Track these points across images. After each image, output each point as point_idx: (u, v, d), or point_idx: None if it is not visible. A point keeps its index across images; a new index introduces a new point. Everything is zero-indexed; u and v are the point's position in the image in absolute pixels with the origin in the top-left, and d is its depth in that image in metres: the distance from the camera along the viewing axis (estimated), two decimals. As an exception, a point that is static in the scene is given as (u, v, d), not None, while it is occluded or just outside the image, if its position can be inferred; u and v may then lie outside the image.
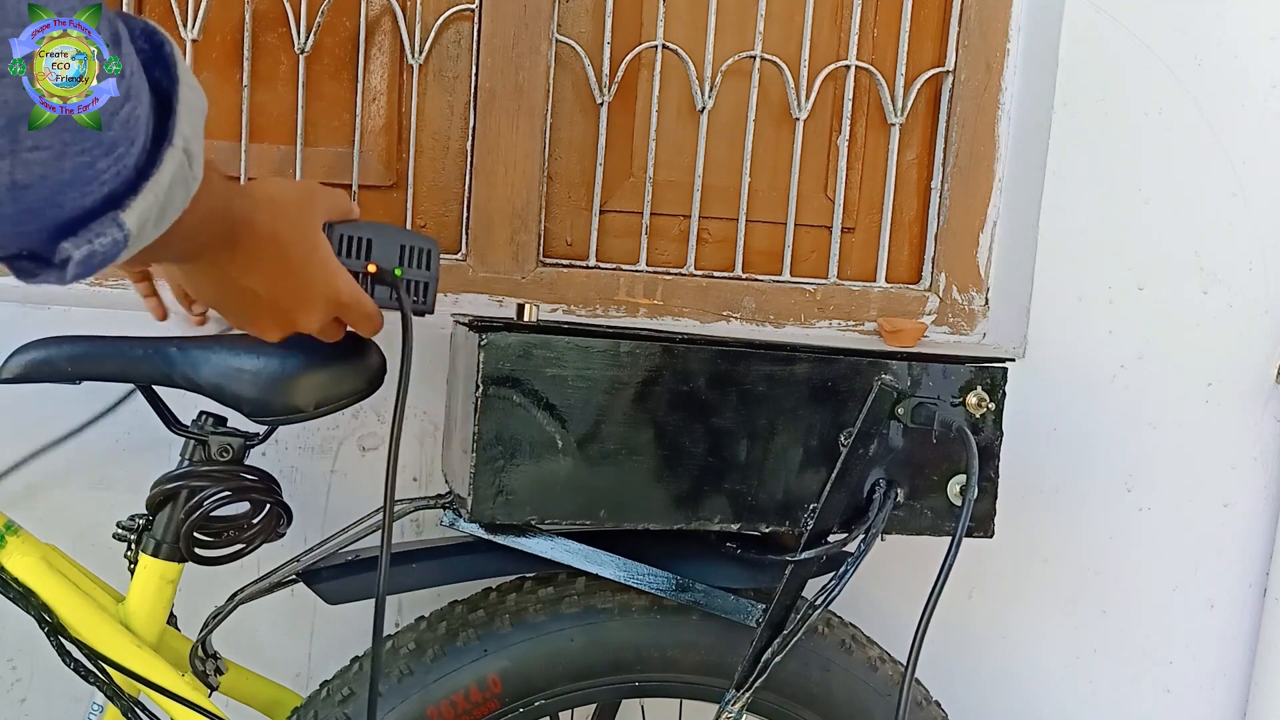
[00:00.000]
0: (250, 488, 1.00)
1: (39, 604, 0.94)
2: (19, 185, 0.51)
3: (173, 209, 0.61)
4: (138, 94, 0.55)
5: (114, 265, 0.62)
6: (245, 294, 0.81)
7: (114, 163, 0.55)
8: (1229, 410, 1.40)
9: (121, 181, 0.56)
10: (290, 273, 0.82)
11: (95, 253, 0.56)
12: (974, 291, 1.44)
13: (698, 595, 0.97)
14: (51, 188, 0.52)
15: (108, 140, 0.53)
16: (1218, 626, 1.44)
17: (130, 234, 0.57)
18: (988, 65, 1.41)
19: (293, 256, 0.82)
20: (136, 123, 0.55)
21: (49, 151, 0.51)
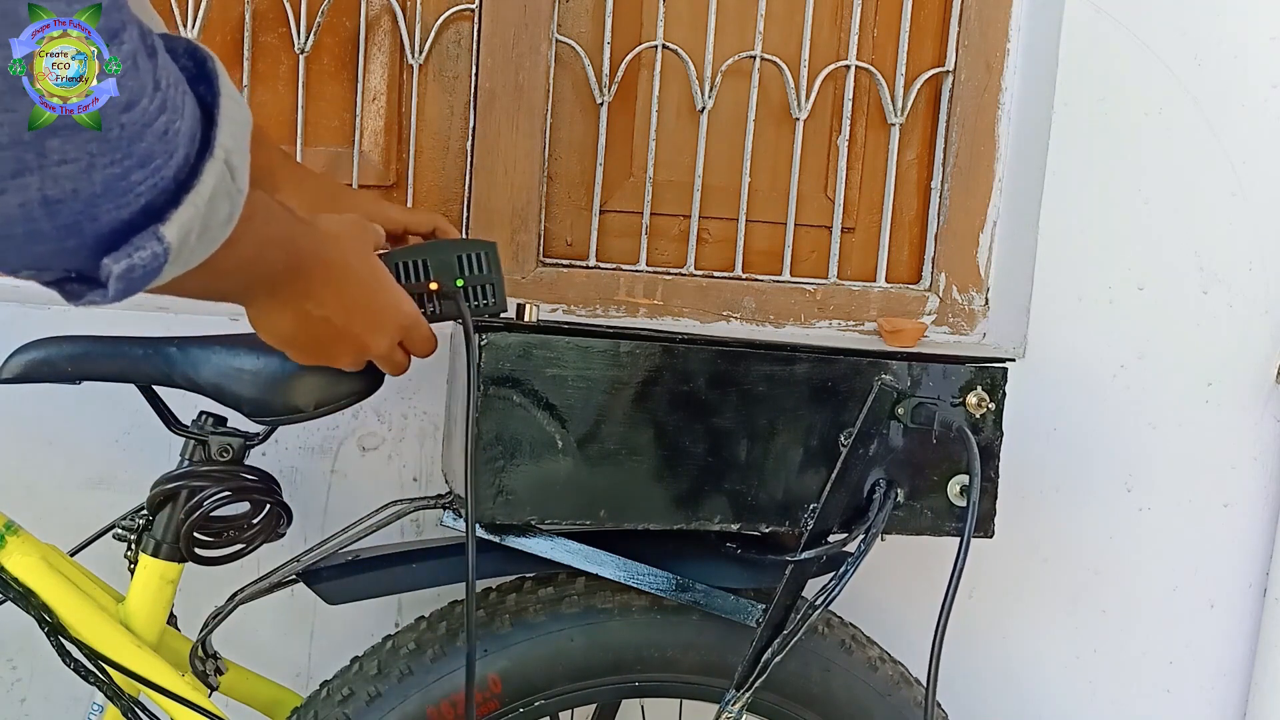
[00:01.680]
0: (250, 488, 1.00)
1: (39, 604, 0.94)
2: (51, 200, 0.51)
3: (217, 224, 0.60)
4: (177, 108, 0.55)
5: (165, 286, 0.62)
6: (320, 325, 0.82)
7: (150, 174, 0.54)
8: (1229, 410, 1.40)
9: (160, 193, 0.55)
10: (362, 299, 0.84)
11: (135, 266, 0.55)
12: (974, 291, 1.44)
13: (698, 595, 0.97)
14: (84, 201, 0.52)
15: (140, 152, 0.53)
16: (1218, 626, 1.44)
17: (170, 247, 0.56)
18: (988, 65, 1.41)
19: (364, 283, 0.84)
20: (176, 135, 0.55)
21: (76, 165, 0.51)
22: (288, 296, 0.79)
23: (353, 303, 0.83)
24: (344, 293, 0.82)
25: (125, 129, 0.52)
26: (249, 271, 0.72)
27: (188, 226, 0.57)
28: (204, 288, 0.70)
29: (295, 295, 0.79)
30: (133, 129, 0.52)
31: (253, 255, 0.70)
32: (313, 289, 0.80)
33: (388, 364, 0.90)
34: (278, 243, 0.73)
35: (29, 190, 0.51)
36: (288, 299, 0.80)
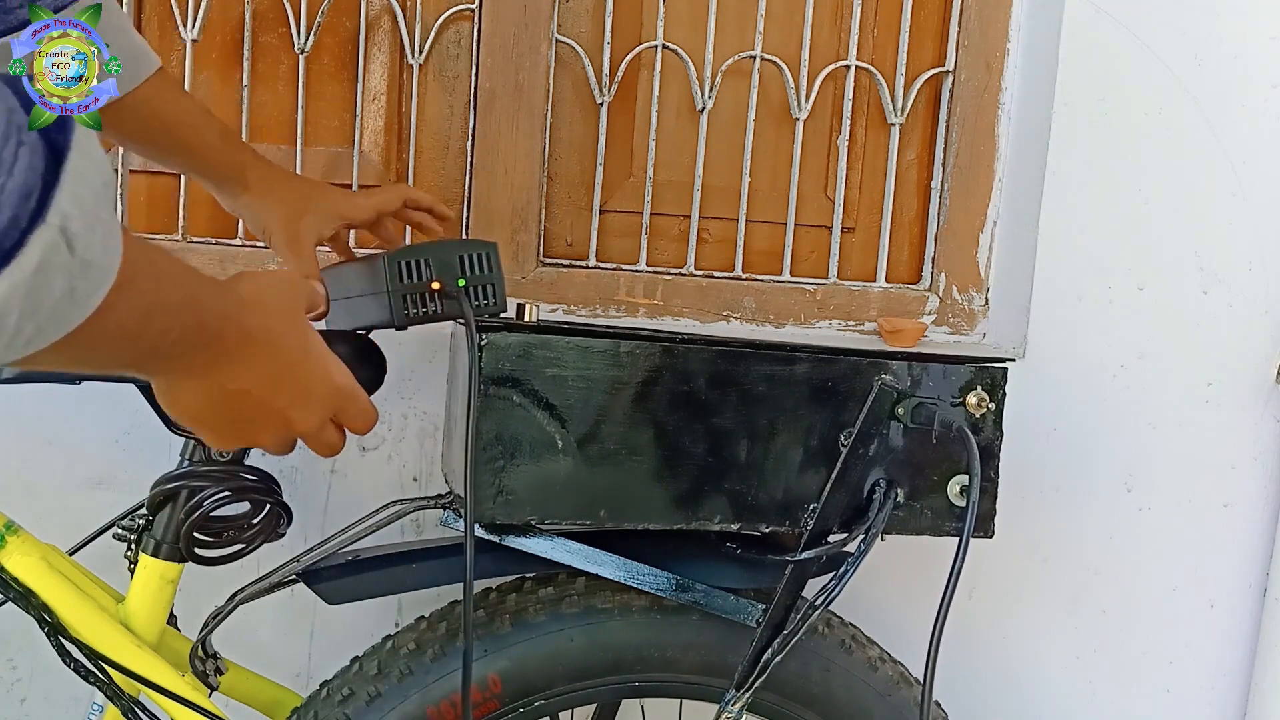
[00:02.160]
0: (250, 488, 1.00)
1: (39, 604, 0.94)
2: None
3: (51, 302, 0.49)
4: (2, 161, 0.46)
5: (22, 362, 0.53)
6: (235, 399, 0.73)
7: None
8: (1229, 410, 1.40)
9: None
10: (287, 369, 0.74)
11: None
12: (974, 291, 1.44)
13: (698, 595, 0.97)
14: None
15: None
16: (1218, 626, 1.44)
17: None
18: (988, 65, 1.41)
19: (290, 351, 0.74)
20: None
21: None
22: (196, 369, 0.69)
23: (275, 374, 0.73)
24: (264, 363, 0.72)
25: None
26: (134, 344, 0.61)
27: (3, 306, 0.47)
28: (76, 361, 0.59)
29: (204, 367, 0.69)
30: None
31: (135, 326, 0.59)
32: (226, 360, 0.69)
33: (317, 443, 0.78)
34: (174, 309, 0.62)
35: None
36: (196, 372, 0.70)
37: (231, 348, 0.69)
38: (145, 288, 0.58)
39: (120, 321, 0.56)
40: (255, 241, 1.35)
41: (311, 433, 0.77)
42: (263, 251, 1.34)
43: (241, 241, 1.34)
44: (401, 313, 0.92)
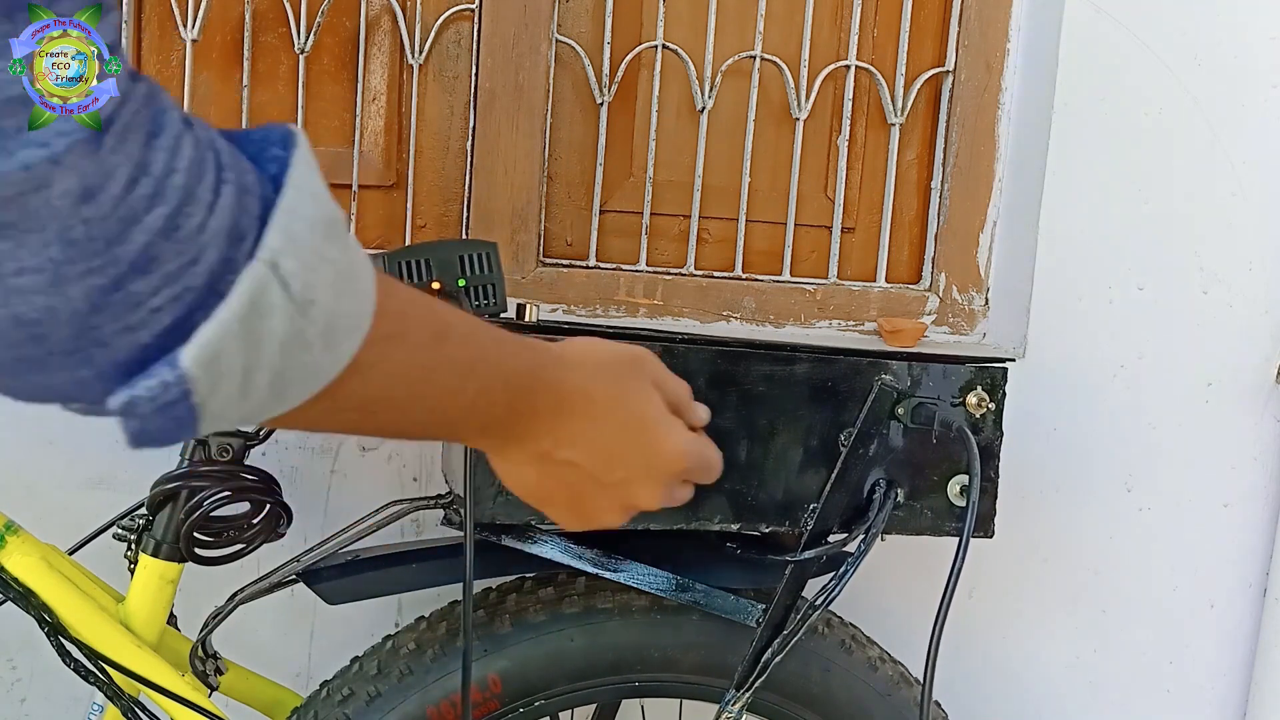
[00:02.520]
0: (250, 488, 1.00)
1: (39, 604, 0.94)
2: (25, 321, 0.41)
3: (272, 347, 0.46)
4: (197, 199, 0.44)
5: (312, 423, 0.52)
6: (564, 472, 0.67)
7: (163, 284, 0.43)
8: (1229, 410, 1.40)
9: (183, 308, 0.44)
10: (618, 438, 0.68)
11: (137, 400, 0.44)
12: (974, 291, 1.44)
13: (698, 595, 0.97)
14: (71, 322, 0.42)
15: (130, 256, 0.42)
16: (1218, 626, 1.44)
17: (190, 375, 0.44)
18: (988, 65, 1.41)
19: (619, 418, 0.68)
20: (197, 234, 0.43)
21: (40, 276, 0.41)
22: (513, 436, 0.64)
23: (605, 445, 0.67)
24: (589, 430, 0.66)
25: (90, 225, 0.41)
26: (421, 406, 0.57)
27: (215, 349, 0.44)
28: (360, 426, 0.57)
29: (522, 435, 0.64)
30: (103, 226, 0.41)
31: (415, 387, 0.56)
32: (545, 426, 0.65)
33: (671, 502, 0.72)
34: (463, 367, 0.59)
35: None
36: (514, 439, 0.65)
37: (545, 411, 0.64)
38: (420, 341, 0.55)
39: (391, 379, 0.54)
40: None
41: (656, 502, 0.70)
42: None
43: (241, 241, 1.34)
44: None
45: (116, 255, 0.41)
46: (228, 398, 0.46)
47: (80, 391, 0.45)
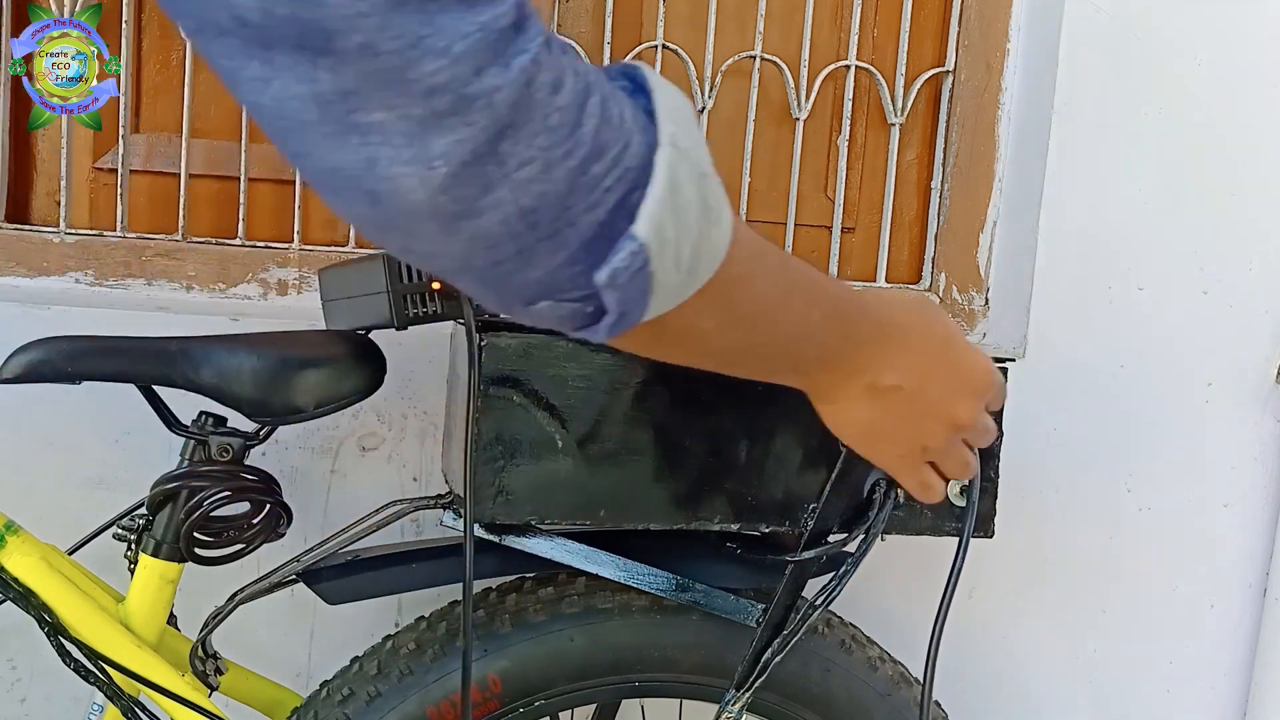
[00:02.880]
0: (250, 488, 1.00)
1: (39, 604, 0.94)
2: (526, 211, 0.48)
3: (691, 215, 0.53)
4: (608, 93, 0.51)
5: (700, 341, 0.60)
6: (892, 399, 0.72)
7: (610, 166, 0.50)
8: (1229, 410, 1.40)
9: (627, 187, 0.51)
10: (933, 358, 0.74)
11: (617, 271, 0.51)
12: (974, 291, 1.44)
13: (698, 595, 0.97)
14: (555, 204, 0.49)
15: (588, 140, 0.49)
16: (1218, 626, 1.44)
17: (646, 243, 0.51)
18: (988, 65, 1.41)
19: (931, 340, 0.74)
20: (621, 121, 0.50)
21: (534, 165, 0.47)
22: (844, 365, 0.70)
23: (923, 366, 0.73)
24: (907, 355, 0.72)
25: (563, 113, 0.48)
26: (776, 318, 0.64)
27: (657, 219, 0.51)
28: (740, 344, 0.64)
29: (851, 364, 0.70)
30: (570, 114, 0.48)
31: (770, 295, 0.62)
32: (870, 354, 0.70)
33: (979, 433, 0.78)
34: (803, 288, 0.65)
35: (504, 205, 0.48)
36: (845, 368, 0.70)
37: (867, 339, 0.70)
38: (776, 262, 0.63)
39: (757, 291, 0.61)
40: (255, 241, 1.35)
41: (972, 424, 0.76)
42: (263, 253, 1.34)
43: (241, 241, 1.34)
44: (401, 313, 0.92)
45: (580, 138, 0.48)
46: (667, 268, 0.53)
47: (562, 277, 0.51)
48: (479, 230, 0.48)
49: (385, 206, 0.47)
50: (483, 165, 0.46)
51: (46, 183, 1.39)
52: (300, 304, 1.33)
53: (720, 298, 0.58)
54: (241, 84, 0.46)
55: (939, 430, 0.76)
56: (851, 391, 0.72)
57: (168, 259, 1.33)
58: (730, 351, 0.65)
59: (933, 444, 0.76)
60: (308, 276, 1.33)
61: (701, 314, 0.59)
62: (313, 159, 0.47)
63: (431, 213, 0.47)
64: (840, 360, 0.70)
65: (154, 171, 1.38)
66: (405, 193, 0.46)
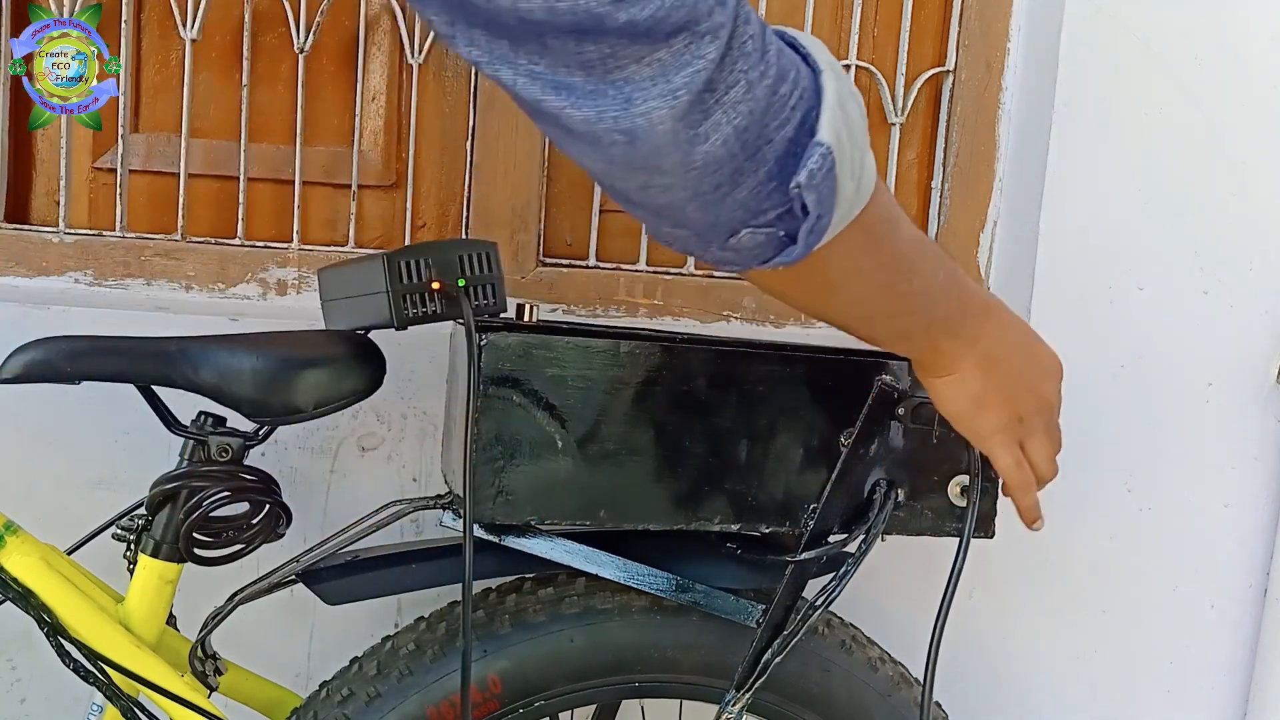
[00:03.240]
0: (250, 488, 1.00)
1: (39, 604, 0.94)
2: (739, 130, 0.57)
3: (858, 126, 0.62)
4: (768, 29, 0.59)
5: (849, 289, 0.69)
6: (1001, 370, 0.80)
7: (792, 87, 0.58)
8: (1229, 410, 1.40)
9: (806, 104, 0.59)
10: (1025, 337, 0.84)
11: (813, 173, 0.59)
12: (974, 291, 1.44)
13: (698, 596, 0.97)
14: (758, 121, 0.57)
15: (774, 64, 0.57)
16: (1218, 627, 1.44)
17: (830, 146, 0.59)
18: (988, 65, 1.41)
19: (1019, 322, 0.84)
20: (787, 51, 0.60)
21: (738, 88, 0.56)
22: (963, 331, 0.77)
23: (1020, 342, 0.82)
24: (1008, 331, 0.81)
25: (753, 40, 0.56)
26: (917, 284, 0.72)
27: (835, 129, 0.60)
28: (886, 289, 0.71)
29: (969, 331, 0.77)
30: (757, 41, 0.56)
31: (913, 250, 0.71)
32: (981, 323, 0.78)
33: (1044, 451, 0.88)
34: (928, 252, 0.74)
35: (722, 127, 0.56)
36: (969, 341, 0.78)
37: (975, 311, 0.78)
38: (908, 224, 0.71)
39: (900, 241, 0.70)
40: (255, 241, 1.35)
41: (1057, 403, 0.87)
42: (263, 253, 1.34)
43: (240, 241, 1.34)
44: (401, 313, 0.92)
45: (769, 61, 0.57)
46: (846, 175, 0.61)
47: (762, 194, 0.60)
48: (708, 154, 0.57)
49: (639, 142, 0.55)
50: (712, 91, 0.55)
51: (46, 183, 1.39)
52: (300, 304, 1.33)
53: (873, 235, 0.67)
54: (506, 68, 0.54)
55: (1033, 404, 0.83)
56: (968, 361, 0.78)
57: (167, 259, 1.33)
58: (877, 298, 0.72)
59: (1028, 418, 0.84)
60: (307, 276, 1.33)
61: (862, 251, 0.67)
62: (571, 112, 0.55)
63: (674, 141, 0.55)
64: (962, 328, 0.77)
65: (153, 171, 1.38)
66: (656, 124, 0.54)
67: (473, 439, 0.86)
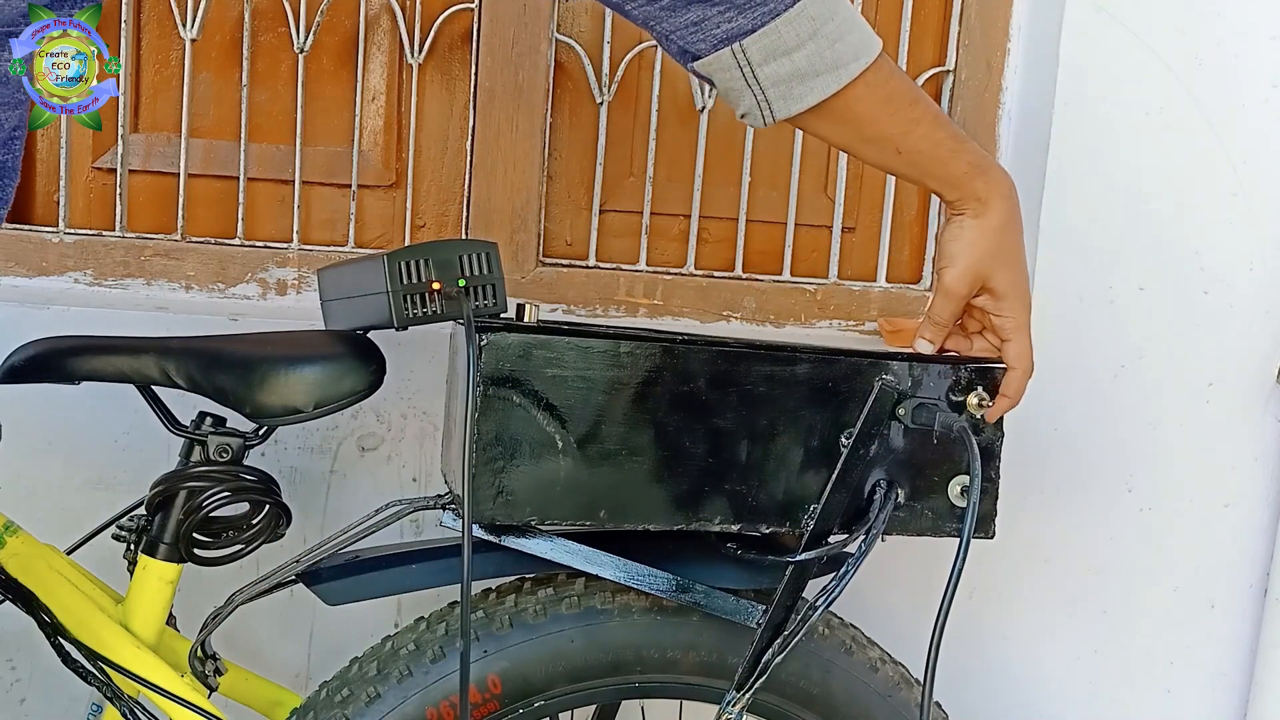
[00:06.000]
0: (249, 488, 1.00)
1: (39, 604, 0.94)
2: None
3: None
4: None
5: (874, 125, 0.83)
6: (1006, 234, 0.89)
7: None
8: (1229, 410, 1.40)
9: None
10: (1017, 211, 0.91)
11: None
12: (974, 291, 1.44)
13: (698, 596, 0.97)
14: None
15: None
16: (1218, 627, 1.44)
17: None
18: (988, 65, 1.41)
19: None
20: None
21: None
22: (994, 177, 0.88)
23: (1015, 213, 0.90)
24: (1010, 200, 0.90)
25: None
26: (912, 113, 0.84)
27: None
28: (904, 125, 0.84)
29: (998, 179, 0.88)
30: None
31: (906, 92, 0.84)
32: (988, 184, 0.88)
33: None
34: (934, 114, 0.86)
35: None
36: (995, 179, 0.88)
37: (984, 167, 0.88)
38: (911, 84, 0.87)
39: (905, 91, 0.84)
40: (254, 241, 1.35)
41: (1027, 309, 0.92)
42: (262, 252, 1.34)
43: (240, 241, 1.34)
44: (401, 313, 0.92)
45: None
46: None
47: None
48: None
49: None
50: None
51: (46, 182, 1.39)
52: (300, 304, 1.33)
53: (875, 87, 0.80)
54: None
55: (1023, 272, 0.92)
56: (1002, 210, 0.88)
57: (167, 259, 1.33)
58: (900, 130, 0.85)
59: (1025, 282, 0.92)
60: (307, 276, 1.33)
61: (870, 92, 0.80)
62: None
63: None
64: (975, 188, 0.88)
65: (153, 171, 1.38)
66: None
67: (473, 439, 0.86)
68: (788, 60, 0.78)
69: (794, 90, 0.80)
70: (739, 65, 0.79)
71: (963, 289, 0.91)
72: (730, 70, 0.79)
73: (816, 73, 0.79)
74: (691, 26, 0.78)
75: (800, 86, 0.79)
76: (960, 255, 0.90)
